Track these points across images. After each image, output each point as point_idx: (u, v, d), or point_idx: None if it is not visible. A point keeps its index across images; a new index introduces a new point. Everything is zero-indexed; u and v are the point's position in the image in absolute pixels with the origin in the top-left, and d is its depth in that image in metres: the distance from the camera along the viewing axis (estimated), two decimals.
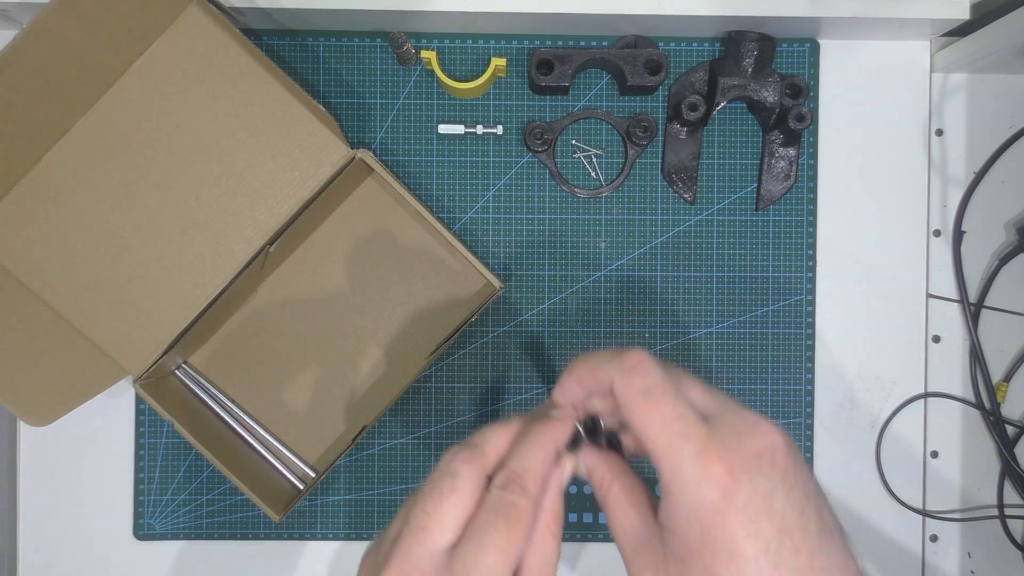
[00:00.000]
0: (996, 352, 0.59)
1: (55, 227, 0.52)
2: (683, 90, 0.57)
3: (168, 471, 0.58)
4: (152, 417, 0.58)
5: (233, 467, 0.52)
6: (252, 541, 0.58)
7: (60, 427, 0.53)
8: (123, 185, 0.52)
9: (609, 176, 0.58)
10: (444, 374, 0.58)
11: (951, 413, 0.59)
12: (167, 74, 0.51)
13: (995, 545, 0.59)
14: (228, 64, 0.50)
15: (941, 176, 0.59)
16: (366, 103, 0.58)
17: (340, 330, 0.57)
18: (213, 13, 0.50)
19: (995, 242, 0.59)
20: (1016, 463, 0.58)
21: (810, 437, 0.58)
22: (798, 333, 0.58)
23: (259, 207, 0.52)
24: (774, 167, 0.58)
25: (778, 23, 0.54)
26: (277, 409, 0.57)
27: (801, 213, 0.58)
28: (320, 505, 0.58)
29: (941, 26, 0.55)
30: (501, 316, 0.58)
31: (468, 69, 0.58)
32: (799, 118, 0.54)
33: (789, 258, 0.58)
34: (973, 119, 0.59)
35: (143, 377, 0.52)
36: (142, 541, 0.58)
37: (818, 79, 0.58)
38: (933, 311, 0.59)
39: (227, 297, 0.53)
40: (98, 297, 0.52)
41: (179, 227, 0.52)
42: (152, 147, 0.51)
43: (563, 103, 0.58)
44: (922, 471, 0.59)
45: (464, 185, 0.58)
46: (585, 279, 0.58)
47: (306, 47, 0.57)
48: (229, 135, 0.51)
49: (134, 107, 0.51)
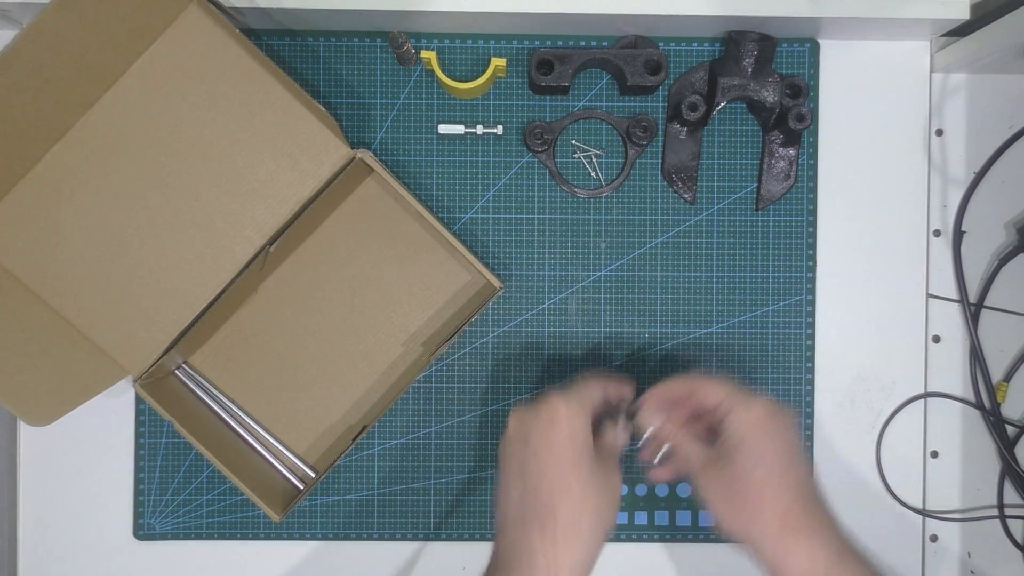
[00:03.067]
0: (996, 352, 0.59)
1: (55, 227, 0.52)
2: (683, 90, 0.57)
3: (168, 471, 0.58)
4: (152, 417, 0.58)
5: (233, 467, 0.52)
6: (252, 541, 0.58)
7: (60, 427, 0.53)
8: (123, 185, 0.52)
9: (609, 176, 0.58)
10: (444, 374, 0.58)
11: (951, 413, 0.59)
12: (167, 74, 0.51)
13: (995, 545, 0.59)
14: (228, 64, 0.50)
15: (941, 176, 0.59)
16: (366, 103, 0.58)
17: (340, 330, 0.57)
18: (213, 13, 0.50)
19: (995, 242, 0.59)
20: (1016, 463, 0.58)
21: (810, 437, 0.58)
22: (798, 333, 0.58)
23: (259, 207, 0.52)
24: (774, 167, 0.58)
25: (778, 23, 0.54)
26: (277, 409, 0.57)
27: (801, 213, 0.58)
28: (320, 505, 0.58)
29: (941, 26, 0.55)
30: (501, 316, 0.58)
31: (468, 69, 0.58)
32: (799, 118, 0.54)
33: (789, 258, 0.58)
34: (973, 119, 0.59)
35: (143, 377, 0.52)
36: (142, 541, 0.58)
37: (818, 79, 0.58)
38: (933, 311, 0.59)
39: (227, 297, 0.53)
40: (98, 297, 0.52)
41: (179, 227, 0.52)
42: (152, 147, 0.51)
43: (563, 103, 0.58)
44: (922, 471, 0.59)
45: (464, 185, 0.58)
46: (585, 279, 0.58)
47: (306, 47, 0.57)
48: (229, 135, 0.51)
49: (134, 107, 0.51)
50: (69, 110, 0.51)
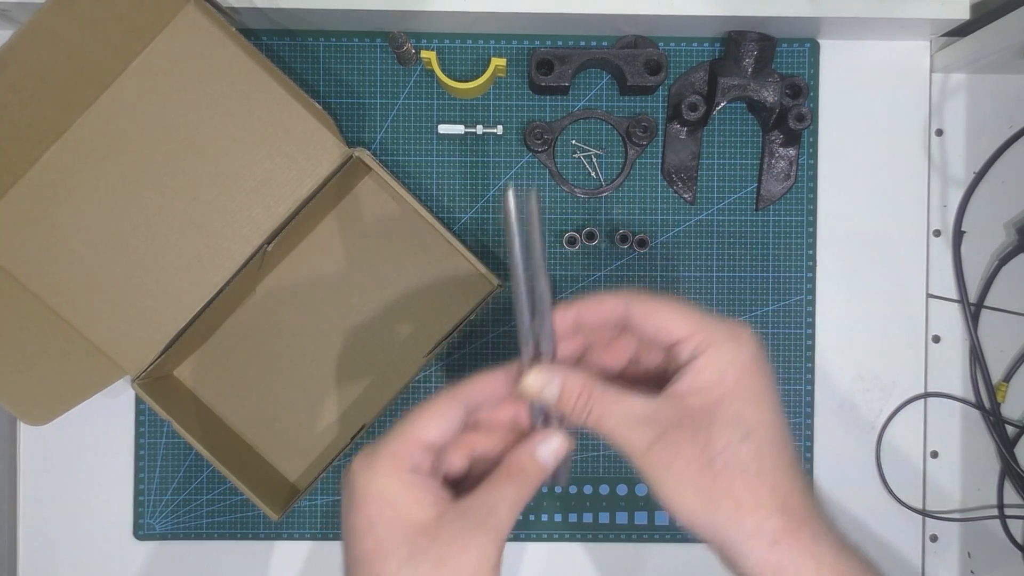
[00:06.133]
0: (996, 352, 0.59)
1: (53, 227, 0.51)
2: (683, 90, 0.57)
3: (168, 471, 0.58)
4: (152, 417, 0.58)
5: (233, 467, 0.52)
6: (252, 541, 0.58)
7: (60, 427, 0.53)
8: (121, 185, 0.52)
9: (609, 176, 0.58)
10: (444, 374, 0.58)
11: (951, 413, 0.59)
12: (164, 74, 0.51)
13: (995, 545, 0.59)
14: (225, 64, 0.50)
15: (941, 176, 0.59)
16: (366, 103, 0.58)
17: (338, 329, 0.57)
18: (210, 13, 0.50)
19: (995, 242, 0.59)
20: (1016, 463, 0.58)
21: (810, 437, 0.58)
22: (798, 333, 0.58)
23: (256, 206, 0.52)
24: (774, 167, 0.57)
25: (778, 23, 0.54)
26: (276, 408, 0.57)
27: (801, 213, 0.58)
28: (320, 505, 0.58)
29: (941, 26, 0.55)
30: (501, 316, 0.58)
31: (468, 69, 0.58)
32: (799, 118, 0.54)
33: (789, 258, 0.58)
34: (973, 119, 0.58)
35: (141, 377, 0.52)
36: (142, 541, 0.58)
37: (818, 79, 0.58)
38: (933, 311, 0.59)
39: (225, 296, 0.53)
40: (96, 296, 0.52)
41: (177, 226, 0.52)
42: (150, 147, 0.51)
43: (563, 103, 0.58)
44: (922, 471, 0.59)
45: (464, 185, 0.58)
46: (585, 279, 0.58)
47: (306, 47, 0.57)
48: (226, 134, 0.51)
49: (132, 107, 0.51)
50: (66, 110, 0.51)
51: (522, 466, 0.35)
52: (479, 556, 0.32)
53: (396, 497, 0.33)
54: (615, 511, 0.58)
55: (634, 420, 0.34)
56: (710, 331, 0.34)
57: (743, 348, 0.34)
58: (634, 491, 0.58)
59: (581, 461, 0.58)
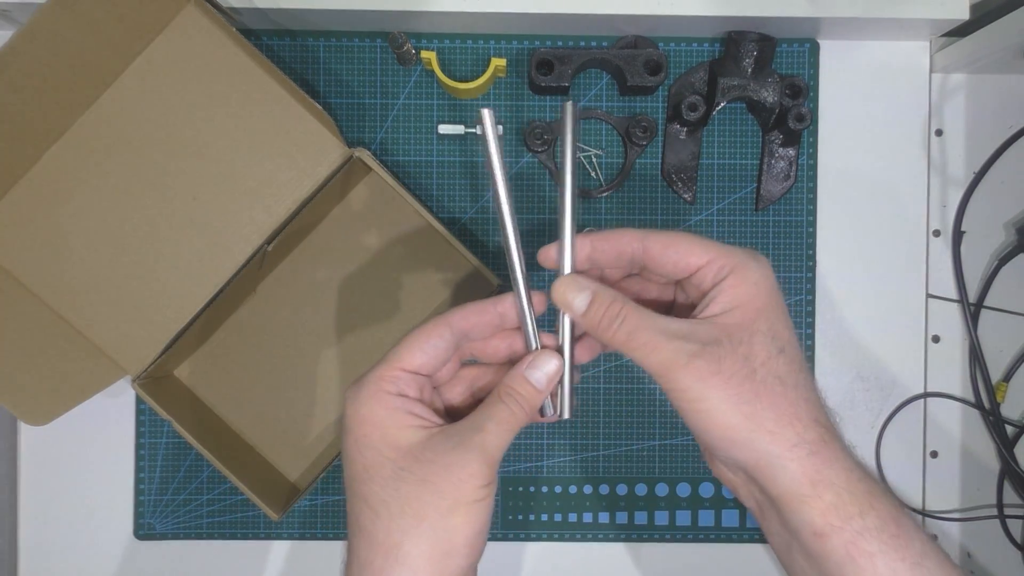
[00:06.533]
0: (996, 352, 0.59)
1: (53, 227, 0.52)
2: (683, 90, 0.57)
3: (168, 471, 0.58)
4: (152, 417, 0.58)
5: (233, 467, 0.52)
6: (252, 541, 0.58)
7: (60, 427, 0.53)
8: (121, 185, 0.52)
9: (609, 176, 0.58)
10: None
11: (951, 413, 0.59)
12: (165, 74, 0.51)
13: (995, 545, 0.59)
14: (226, 64, 0.50)
15: (941, 176, 0.59)
16: (366, 103, 0.58)
17: (339, 329, 0.57)
18: (210, 13, 0.50)
19: (995, 242, 0.59)
20: (1016, 463, 0.58)
21: None
22: (798, 333, 0.58)
23: (257, 206, 0.52)
24: (774, 167, 0.57)
25: (778, 23, 0.54)
26: (277, 408, 0.57)
27: (801, 213, 0.58)
28: (320, 505, 0.58)
29: (941, 26, 0.55)
30: None
31: (468, 69, 0.58)
32: (799, 118, 0.54)
33: (789, 258, 0.58)
34: (973, 119, 0.58)
35: (141, 376, 0.52)
36: (142, 541, 0.58)
37: (818, 79, 0.58)
38: (933, 311, 0.59)
39: (225, 296, 0.53)
40: (96, 296, 0.52)
41: (177, 227, 0.52)
42: (150, 147, 0.51)
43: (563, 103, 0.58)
44: (922, 471, 0.59)
45: (464, 185, 0.58)
46: None
47: (306, 48, 0.57)
48: (227, 135, 0.51)
49: (132, 107, 0.51)
50: (67, 110, 0.51)
51: (512, 387, 0.35)
52: (461, 474, 0.33)
53: (382, 421, 0.34)
54: (615, 511, 0.58)
55: (671, 334, 0.33)
56: (731, 255, 0.35)
57: (766, 268, 0.35)
58: (634, 491, 0.58)
59: (581, 461, 0.58)
